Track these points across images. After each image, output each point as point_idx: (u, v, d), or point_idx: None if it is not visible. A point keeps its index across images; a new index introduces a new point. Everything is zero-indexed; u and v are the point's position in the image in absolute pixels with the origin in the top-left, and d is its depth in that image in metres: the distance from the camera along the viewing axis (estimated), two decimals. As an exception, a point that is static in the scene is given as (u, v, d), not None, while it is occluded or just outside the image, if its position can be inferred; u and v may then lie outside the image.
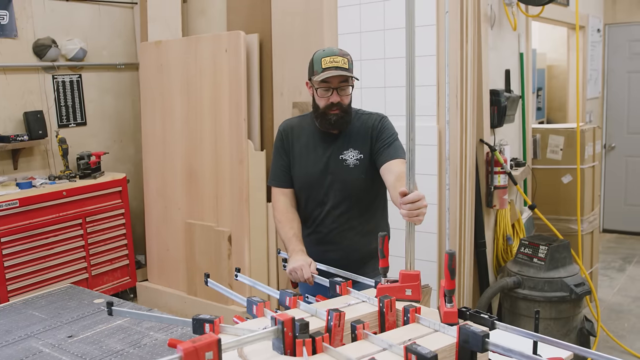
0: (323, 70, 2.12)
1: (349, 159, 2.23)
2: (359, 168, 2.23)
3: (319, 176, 2.27)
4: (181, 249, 4.36)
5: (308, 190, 2.30)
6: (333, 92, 2.16)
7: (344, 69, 2.13)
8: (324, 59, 2.14)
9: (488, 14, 3.50)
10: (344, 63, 2.13)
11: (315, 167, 2.27)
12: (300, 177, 2.31)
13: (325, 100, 2.17)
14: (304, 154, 2.30)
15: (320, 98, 2.19)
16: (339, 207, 2.27)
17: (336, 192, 2.26)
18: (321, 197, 2.28)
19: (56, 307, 2.39)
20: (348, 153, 2.24)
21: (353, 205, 2.27)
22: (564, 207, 4.33)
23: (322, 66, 2.13)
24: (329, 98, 2.16)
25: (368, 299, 1.62)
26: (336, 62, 2.12)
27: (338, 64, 2.12)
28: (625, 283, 5.09)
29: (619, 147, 6.48)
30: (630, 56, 6.35)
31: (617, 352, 3.78)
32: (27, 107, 4.31)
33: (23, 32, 4.29)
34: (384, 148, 2.20)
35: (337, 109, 2.17)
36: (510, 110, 3.72)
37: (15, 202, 3.75)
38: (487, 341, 1.21)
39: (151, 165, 4.54)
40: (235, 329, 1.38)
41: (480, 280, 3.57)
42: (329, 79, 2.13)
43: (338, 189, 2.25)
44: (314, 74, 2.17)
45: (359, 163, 2.23)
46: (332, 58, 2.13)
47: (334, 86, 2.15)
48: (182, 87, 4.24)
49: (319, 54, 2.18)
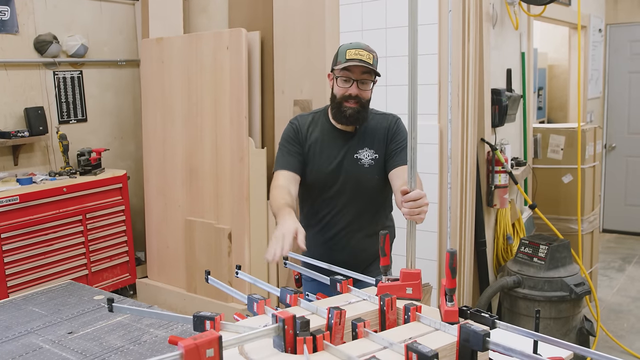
0: (347, 60, 2.10)
1: (364, 159, 2.20)
2: (373, 168, 2.20)
3: (332, 175, 2.22)
4: (181, 246, 4.36)
5: (319, 189, 2.25)
6: (353, 83, 2.13)
7: (368, 62, 2.11)
8: (349, 51, 2.12)
9: (490, 13, 3.49)
10: (369, 58, 2.11)
11: (329, 165, 2.22)
12: (313, 173, 2.25)
13: (343, 90, 2.14)
14: (317, 151, 2.24)
15: (340, 88, 2.15)
16: (350, 207, 2.23)
17: (349, 192, 2.22)
18: (332, 196, 2.24)
19: (56, 303, 2.39)
20: (363, 152, 2.20)
21: (364, 205, 2.24)
22: (564, 207, 4.33)
23: (346, 57, 2.11)
24: (347, 89, 2.13)
25: (369, 297, 1.62)
26: (361, 55, 2.10)
27: (363, 57, 2.10)
28: (624, 283, 5.09)
29: (619, 147, 6.48)
30: (631, 56, 6.35)
31: (617, 352, 3.78)
32: (28, 103, 4.30)
33: (24, 28, 4.28)
34: (396, 152, 2.18)
35: (354, 102, 2.13)
36: (511, 109, 3.72)
37: (16, 198, 3.75)
38: (487, 340, 1.21)
39: (152, 162, 4.54)
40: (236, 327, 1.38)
41: (481, 280, 3.57)
42: (351, 68, 2.11)
43: (351, 188, 2.21)
44: (337, 64, 2.15)
45: (374, 163, 2.20)
46: (357, 51, 2.11)
47: (355, 77, 2.12)
48: (183, 84, 4.23)
49: (345, 45, 2.16)
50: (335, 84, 2.17)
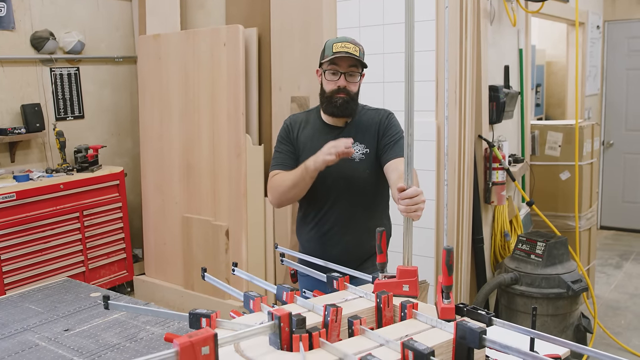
0: (334, 54, 2.14)
1: (355, 153, 2.21)
2: (364, 163, 2.22)
3: (323, 170, 2.25)
4: (178, 243, 4.35)
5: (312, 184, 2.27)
6: (341, 76, 2.17)
7: (355, 54, 2.14)
8: (336, 44, 2.16)
9: (488, 10, 3.49)
10: (355, 50, 2.15)
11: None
12: None
13: (332, 84, 2.18)
14: (308, 147, 2.28)
15: (328, 82, 2.20)
16: (343, 202, 2.25)
17: (340, 187, 2.24)
18: (325, 190, 2.25)
19: (53, 300, 2.39)
20: (354, 147, 2.20)
21: (356, 200, 2.25)
22: (562, 204, 4.33)
23: (333, 50, 2.15)
24: (336, 82, 2.17)
25: (365, 295, 1.62)
26: (347, 47, 2.15)
27: (349, 50, 2.14)
28: (622, 280, 5.10)
29: (617, 144, 6.48)
30: (629, 53, 6.35)
31: (614, 349, 3.79)
32: (25, 99, 4.29)
33: (21, 24, 4.27)
34: (389, 145, 2.19)
35: (343, 93, 2.18)
36: (509, 106, 3.71)
37: (12, 195, 3.74)
38: (484, 337, 1.21)
39: (149, 158, 4.53)
40: (232, 324, 1.37)
41: (478, 277, 3.57)
42: (338, 61, 2.15)
43: (342, 183, 2.23)
44: (324, 58, 2.19)
45: (364, 158, 2.22)
46: (343, 44, 2.16)
47: (343, 70, 2.17)
48: (180, 81, 4.22)
49: (331, 40, 2.21)
50: (324, 77, 2.22)
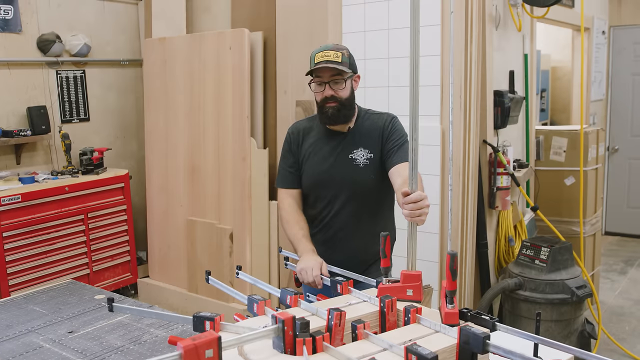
0: (315, 65, 2.13)
1: (359, 159, 2.21)
2: (369, 168, 2.22)
3: (327, 175, 2.24)
4: (183, 246, 4.36)
5: (316, 190, 2.28)
6: (326, 86, 2.16)
7: (335, 62, 2.11)
8: (317, 54, 2.15)
9: (493, 15, 3.49)
10: (336, 57, 2.13)
11: (324, 166, 2.25)
12: (309, 176, 2.29)
13: (320, 95, 2.18)
14: (312, 153, 2.28)
15: (316, 93, 2.20)
16: (348, 207, 2.25)
17: (345, 192, 2.23)
18: (329, 196, 2.26)
19: (57, 302, 2.39)
20: (358, 152, 2.21)
21: (361, 205, 2.25)
22: (567, 209, 4.32)
23: (314, 61, 2.14)
24: (322, 92, 2.17)
25: (369, 299, 1.62)
26: (327, 56, 2.12)
27: (329, 58, 2.12)
28: (626, 286, 5.07)
29: (622, 150, 6.46)
30: (635, 58, 6.33)
31: (618, 355, 3.77)
32: (31, 102, 4.31)
33: (27, 27, 4.29)
34: (393, 150, 2.18)
35: (332, 101, 2.16)
36: (513, 111, 3.71)
37: (18, 197, 3.76)
38: (488, 343, 1.21)
39: (154, 161, 4.54)
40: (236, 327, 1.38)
41: (482, 282, 3.56)
42: (320, 72, 2.15)
43: (347, 188, 2.23)
44: (309, 70, 2.18)
45: (369, 163, 2.21)
46: (324, 53, 2.14)
47: (326, 80, 2.15)
48: (186, 84, 4.23)
49: (315, 50, 2.19)
50: (312, 89, 2.22)
